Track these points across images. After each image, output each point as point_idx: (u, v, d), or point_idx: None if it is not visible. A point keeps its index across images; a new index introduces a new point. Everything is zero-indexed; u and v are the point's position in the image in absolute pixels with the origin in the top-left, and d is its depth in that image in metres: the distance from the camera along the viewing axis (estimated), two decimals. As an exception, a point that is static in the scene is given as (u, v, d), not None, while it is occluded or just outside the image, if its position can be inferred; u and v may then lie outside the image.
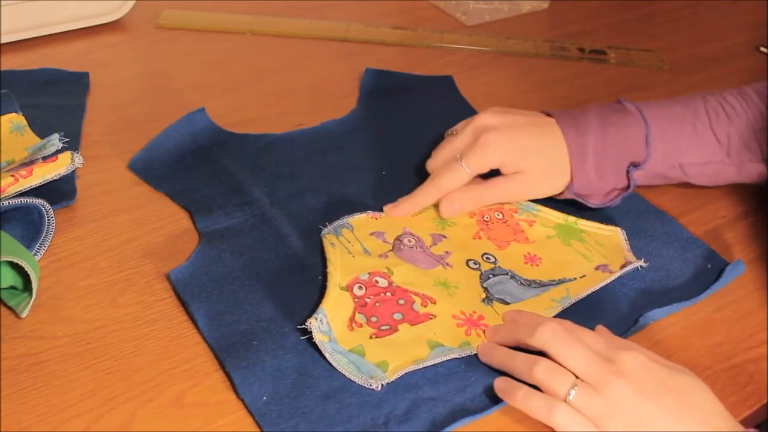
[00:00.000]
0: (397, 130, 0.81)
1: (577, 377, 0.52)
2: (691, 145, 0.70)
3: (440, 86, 0.89)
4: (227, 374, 0.56)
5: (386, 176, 0.73)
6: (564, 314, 0.61)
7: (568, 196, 0.70)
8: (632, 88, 0.92)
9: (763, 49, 1.02)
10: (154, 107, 0.83)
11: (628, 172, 0.69)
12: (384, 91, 0.86)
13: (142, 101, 0.84)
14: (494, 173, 0.70)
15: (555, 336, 0.53)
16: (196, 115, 0.78)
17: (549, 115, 0.71)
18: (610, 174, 0.69)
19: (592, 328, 0.56)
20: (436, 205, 0.70)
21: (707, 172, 0.71)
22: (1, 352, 0.56)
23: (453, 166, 0.69)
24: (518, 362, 0.55)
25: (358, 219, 0.68)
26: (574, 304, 0.62)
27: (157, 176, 0.73)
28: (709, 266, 0.66)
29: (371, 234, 0.67)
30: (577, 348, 0.53)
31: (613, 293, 0.63)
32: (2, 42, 0.90)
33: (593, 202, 0.70)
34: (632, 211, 0.71)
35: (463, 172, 0.68)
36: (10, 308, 0.60)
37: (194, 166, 0.74)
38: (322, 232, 0.66)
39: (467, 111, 0.84)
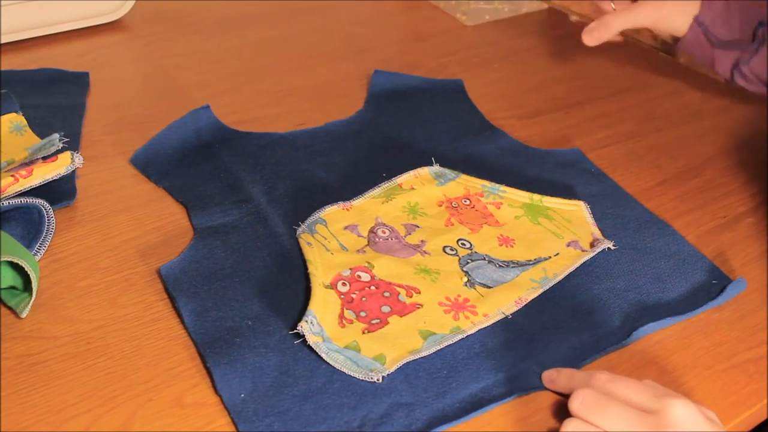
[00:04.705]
0: (401, 133, 0.81)
1: None
2: None
3: (449, 90, 0.88)
4: (207, 369, 0.56)
5: (386, 178, 0.72)
6: (555, 324, 0.60)
7: (693, 31, 0.74)
8: (632, 88, 0.92)
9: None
10: (154, 107, 0.83)
11: (756, 29, 0.69)
12: (392, 93, 0.86)
13: (142, 101, 0.84)
14: None
15: (583, 405, 0.51)
16: (201, 112, 0.79)
17: None
18: (736, 20, 0.69)
19: (586, 341, 0.54)
20: (405, 196, 0.70)
21: None
22: (1, 352, 0.56)
23: None
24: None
25: (329, 212, 0.68)
26: (566, 315, 0.61)
27: (157, 172, 0.73)
28: (714, 281, 0.65)
29: (345, 228, 0.67)
30: (609, 410, 0.50)
31: (606, 303, 0.62)
32: (2, 42, 0.90)
33: (717, 34, 0.72)
34: (633, 221, 0.70)
35: None
36: (10, 308, 0.60)
37: (195, 162, 0.74)
38: (297, 232, 0.66)
39: (475, 116, 0.84)
